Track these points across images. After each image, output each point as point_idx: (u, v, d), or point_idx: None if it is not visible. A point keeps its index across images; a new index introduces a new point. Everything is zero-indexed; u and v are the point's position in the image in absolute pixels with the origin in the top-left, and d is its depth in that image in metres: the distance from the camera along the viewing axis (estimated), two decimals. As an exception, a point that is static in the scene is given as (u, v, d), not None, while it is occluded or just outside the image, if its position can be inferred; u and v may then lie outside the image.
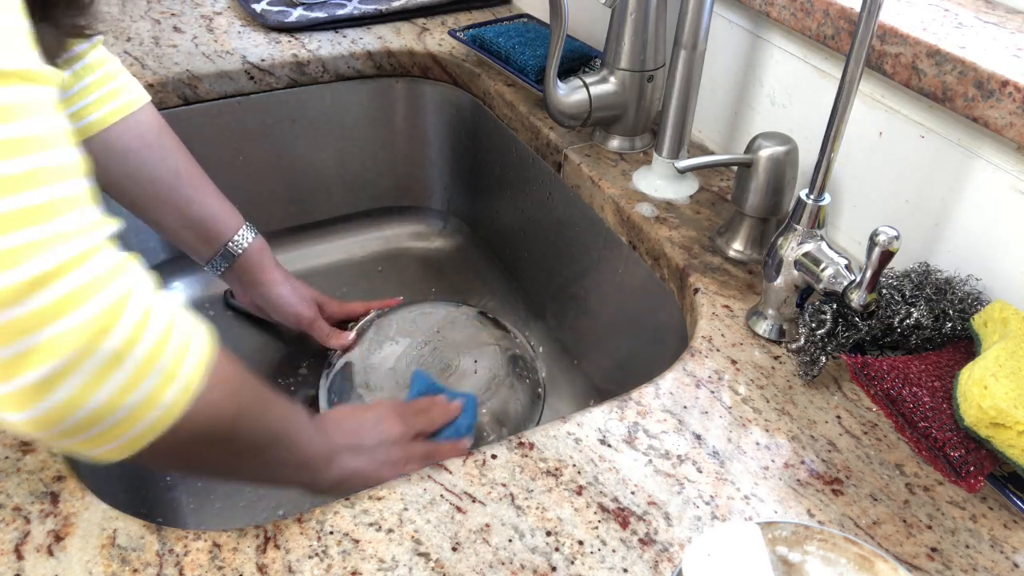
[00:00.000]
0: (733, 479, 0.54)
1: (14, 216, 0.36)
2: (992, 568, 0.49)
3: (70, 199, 0.39)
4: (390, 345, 0.85)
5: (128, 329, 0.40)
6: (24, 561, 0.46)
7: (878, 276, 0.56)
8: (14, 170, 0.36)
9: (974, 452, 0.54)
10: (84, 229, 0.39)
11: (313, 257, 1.10)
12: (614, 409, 0.58)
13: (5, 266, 0.36)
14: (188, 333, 0.44)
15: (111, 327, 0.39)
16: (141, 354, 0.40)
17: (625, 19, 0.81)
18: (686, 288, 0.72)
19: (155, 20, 1.06)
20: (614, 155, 0.87)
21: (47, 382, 0.37)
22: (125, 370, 0.40)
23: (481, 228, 1.13)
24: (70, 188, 0.39)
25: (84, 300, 0.38)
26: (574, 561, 0.48)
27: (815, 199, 0.61)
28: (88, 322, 0.38)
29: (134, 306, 0.40)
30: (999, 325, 0.58)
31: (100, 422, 0.40)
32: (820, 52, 0.73)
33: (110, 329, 0.39)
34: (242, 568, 0.47)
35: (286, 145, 1.04)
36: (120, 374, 0.39)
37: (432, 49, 1.05)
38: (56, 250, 0.37)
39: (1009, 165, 0.61)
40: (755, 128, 0.83)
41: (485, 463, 0.54)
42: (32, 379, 0.37)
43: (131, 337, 0.40)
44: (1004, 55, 0.60)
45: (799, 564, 0.40)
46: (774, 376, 0.62)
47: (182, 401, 0.43)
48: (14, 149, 0.36)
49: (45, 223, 0.37)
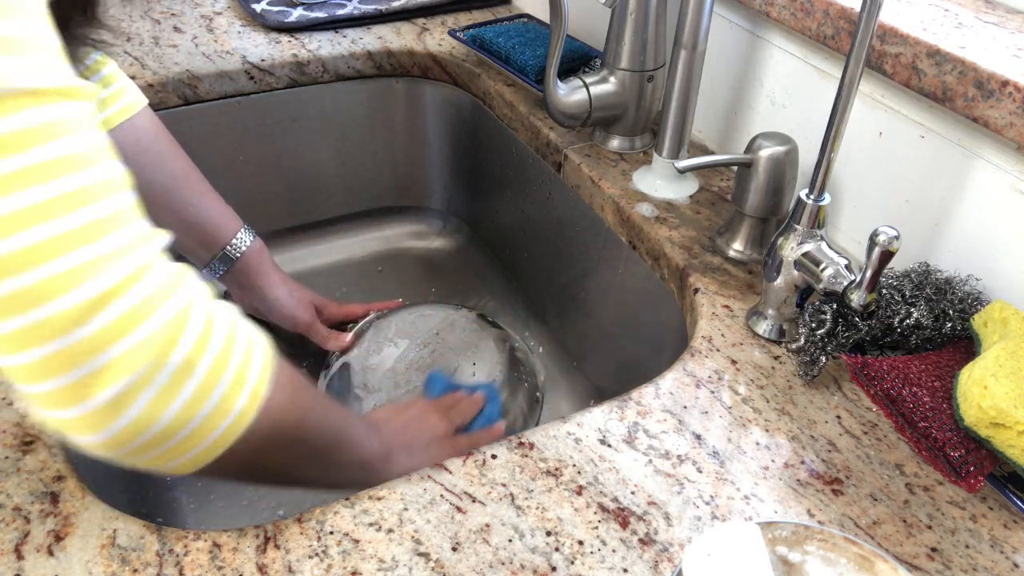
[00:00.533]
0: (733, 479, 0.54)
1: (68, 238, 0.36)
2: (992, 568, 0.49)
3: (120, 215, 0.38)
4: (389, 347, 0.85)
5: (194, 339, 0.39)
6: (24, 561, 0.46)
7: (878, 276, 0.56)
8: (64, 190, 0.36)
9: (974, 452, 0.54)
10: (137, 243, 0.39)
11: (313, 257, 1.10)
12: (614, 409, 0.58)
13: (65, 289, 0.35)
14: (250, 339, 0.44)
15: (177, 339, 0.39)
16: (209, 363, 0.40)
17: (625, 19, 0.81)
18: (686, 288, 0.72)
19: (155, 20, 1.06)
20: (614, 155, 0.87)
21: (119, 401, 0.37)
22: (195, 380, 0.39)
23: (481, 228, 1.13)
24: (118, 203, 0.38)
25: (148, 315, 0.38)
26: (574, 561, 0.48)
27: (815, 199, 0.61)
28: (154, 336, 0.38)
29: (196, 316, 0.40)
30: (999, 325, 0.58)
31: (173, 436, 0.40)
32: (820, 52, 0.73)
33: (177, 341, 0.38)
34: (242, 568, 0.47)
35: (286, 145, 1.04)
36: (190, 385, 0.39)
37: (432, 49, 1.05)
38: (114, 268, 0.37)
39: (1009, 165, 0.61)
40: (755, 128, 0.83)
41: (485, 463, 0.54)
42: (103, 400, 0.37)
43: (197, 347, 0.39)
44: (1004, 55, 0.60)
45: (799, 564, 0.40)
46: (774, 376, 0.62)
47: (252, 408, 0.42)
48: (62, 168, 0.36)
49: (99, 241, 0.37)
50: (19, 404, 0.55)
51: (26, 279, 0.34)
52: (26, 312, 0.35)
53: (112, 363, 0.36)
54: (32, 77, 0.35)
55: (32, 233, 0.34)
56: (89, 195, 0.37)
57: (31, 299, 0.35)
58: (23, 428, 0.54)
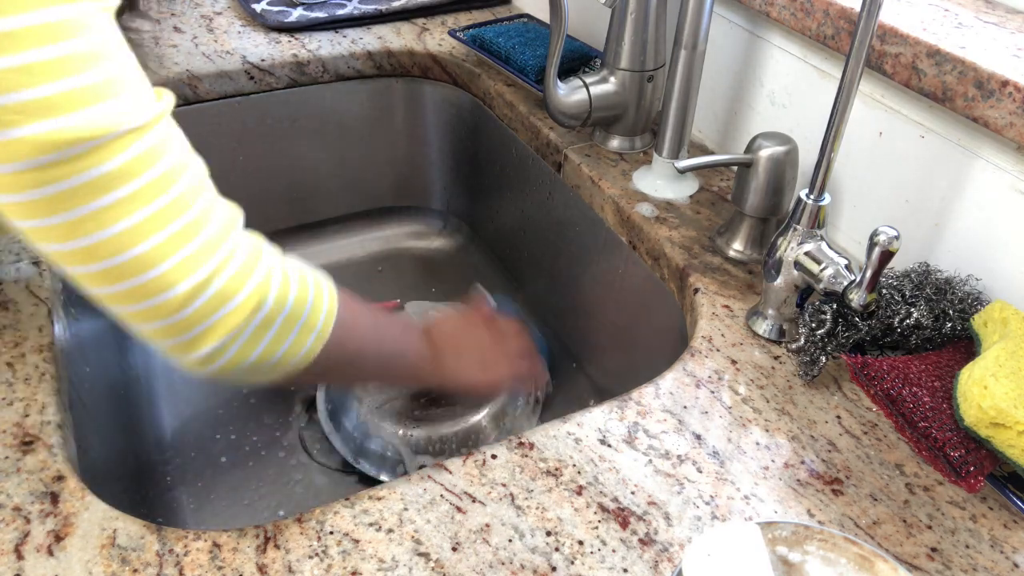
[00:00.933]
0: (733, 479, 0.54)
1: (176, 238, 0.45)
2: (992, 568, 0.49)
3: (209, 207, 0.47)
4: None
5: (274, 299, 0.50)
6: (24, 561, 0.46)
7: (878, 276, 0.56)
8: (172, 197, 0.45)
9: (974, 452, 0.54)
10: (224, 231, 0.48)
11: (313, 257, 1.09)
12: (614, 409, 0.58)
13: (176, 282, 0.45)
14: (318, 290, 0.55)
15: (263, 302, 0.49)
16: (284, 316, 0.51)
17: (625, 19, 0.81)
18: (686, 288, 0.72)
19: (155, 20, 1.06)
20: (614, 155, 0.87)
21: (217, 351, 0.49)
22: (274, 330, 0.51)
23: (481, 228, 1.13)
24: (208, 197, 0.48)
25: (240, 288, 0.48)
26: (574, 561, 0.48)
27: (815, 199, 0.61)
28: (244, 303, 0.48)
29: (276, 280, 0.51)
30: (999, 325, 0.58)
31: (259, 367, 0.52)
32: (820, 52, 0.73)
33: (263, 303, 0.49)
34: (242, 568, 0.47)
35: (286, 145, 1.04)
36: (270, 333, 0.51)
37: (432, 49, 1.05)
38: (210, 258, 0.47)
39: (1009, 165, 0.61)
40: (755, 128, 0.83)
41: (485, 463, 0.54)
42: (206, 352, 0.48)
43: (276, 305, 0.50)
44: (1004, 55, 0.60)
45: (799, 564, 0.40)
46: (774, 376, 0.62)
47: (317, 346, 0.54)
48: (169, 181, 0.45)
49: (196, 238, 0.46)
50: (19, 404, 0.55)
51: (146, 276, 0.45)
52: (146, 300, 0.45)
53: (213, 326, 0.48)
54: (133, 117, 0.43)
55: (152, 239, 0.44)
56: (186, 200, 0.46)
57: (150, 292, 0.45)
58: (23, 428, 0.54)
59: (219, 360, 0.49)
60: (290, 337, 0.52)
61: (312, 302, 0.54)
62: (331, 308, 0.56)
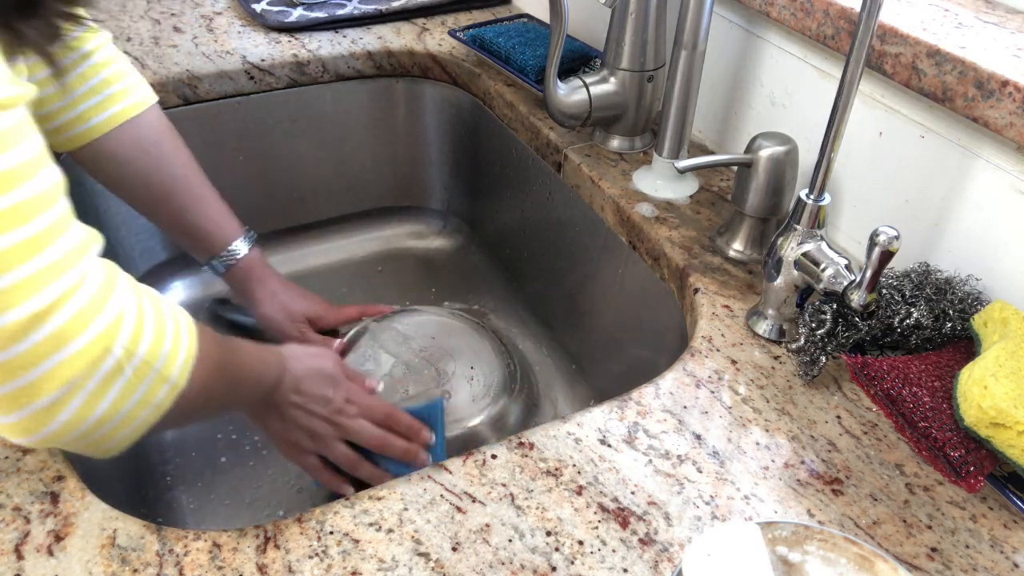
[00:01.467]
0: (733, 479, 0.54)
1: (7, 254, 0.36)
2: (992, 568, 0.49)
3: (57, 225, 0.39)
4: (384, 352, 0.84)
5: (125, 344, 0.42)
6: (24, 561, 0.46)
7: (878, 276, 0.56)
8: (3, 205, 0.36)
9: (974, 452, 0.54)
10: (74, 254, 0.40)
11: (313, 257, 1.10)
12: (614, 409, 0.58)
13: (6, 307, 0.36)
14: (176, 334, 0.47)
15: (111, 347, 0.41)
16: (135, 364, 0.43)
17: (625, 19, 0.81)
18: (686, 288, 0.72)
19: (155, 20, 1.06)
20: (614, 155, 0.87)
21: (52, 407, 0.39)
22: (123, 380, 0.42)
23: (481, 228, 1.13)
24: (56, 213, 0.39)
25: (83, 328, 0.39)
26: (574, 561, 0.48)
27: (815, 199, 0.61)
28: (89, 347, 0.39)
29: (127, 322, 0.42)
30: (999, 325, 0.58)
31: (100, 429, 0.43)
32: (820, 52, 0.73)
33: (110, 349, 0.41)
34: (242, 568, 0.47)
35: (286, 145, 1.04)
36: (118, 385, 0.42)
37: (432, 49, 1.05)
38: (52, 284, 0.38)
39: (1009, 165, 0.61)
40: (755, 128, 0.83)
41: (485, 463, 0.54)
42: (37, 407, 0.38)
43: (127, 352, 0.42)
44: (1004, 55, 0.60)
45: (799, 564, 0.40)
46: (774, 376, 0.62)
47: (169, 399, 0.47)
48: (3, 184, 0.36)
49: (37, 256, 0.37)
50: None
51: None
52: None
53: (47, 375, 0.38)
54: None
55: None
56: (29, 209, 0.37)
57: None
58: (23, 428, 0.54)
59: (54, 420, 0.40)
60: (140, 389, 0.44)
61: (168, 350, 0.46)
62: (189, 355, 0.48)
